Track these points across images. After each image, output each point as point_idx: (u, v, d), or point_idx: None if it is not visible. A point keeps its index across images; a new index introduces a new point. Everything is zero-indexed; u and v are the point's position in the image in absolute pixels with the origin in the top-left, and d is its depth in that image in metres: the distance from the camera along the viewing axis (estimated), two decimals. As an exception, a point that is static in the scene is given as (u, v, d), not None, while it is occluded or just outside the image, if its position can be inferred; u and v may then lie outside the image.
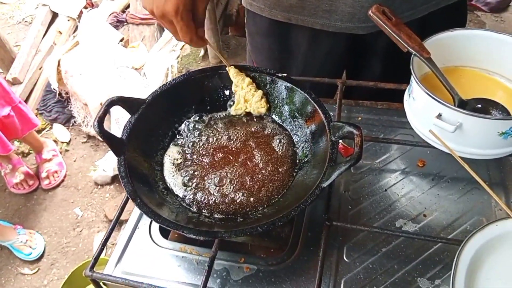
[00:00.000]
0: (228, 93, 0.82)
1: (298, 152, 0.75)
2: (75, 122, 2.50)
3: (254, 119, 0.81)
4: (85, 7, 2.97)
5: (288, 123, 0.79)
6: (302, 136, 0.76)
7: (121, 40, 2.67)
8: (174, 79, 0.79)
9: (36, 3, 3.30)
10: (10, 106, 1.98)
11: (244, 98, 0.79)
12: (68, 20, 2.94)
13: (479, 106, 0.72)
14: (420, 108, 0.73)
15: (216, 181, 0.72)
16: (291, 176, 0.72)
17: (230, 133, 0.79)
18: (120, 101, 0.71)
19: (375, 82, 0.89)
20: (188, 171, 0.74)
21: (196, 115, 0.82)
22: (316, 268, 0.64)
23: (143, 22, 2.73)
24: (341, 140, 0.68)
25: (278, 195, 0.70)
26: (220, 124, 0.80)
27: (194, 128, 0.80)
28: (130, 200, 0.66)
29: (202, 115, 0.82)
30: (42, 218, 2.13)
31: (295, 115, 0.77)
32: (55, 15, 3.02)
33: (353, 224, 0.72)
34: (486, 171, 0.78)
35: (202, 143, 0.78)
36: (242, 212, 0.68)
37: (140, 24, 2.75)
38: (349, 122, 0.65)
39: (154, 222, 0.72)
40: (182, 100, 0.81)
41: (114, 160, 2.14)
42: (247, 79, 0.79)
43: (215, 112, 0.83)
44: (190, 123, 0.81)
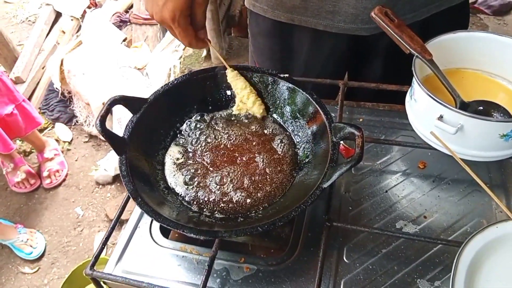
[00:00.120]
0: (230, 93, 0.82)
1: (299, 153, 0.75)
2: (77, 121, 2.51)
3: (255, 119, 0.81)
4: (88, 7, 2.98)
5: (289, 123, 0.79)
6: (303, 136, 0.76)
7: (124, 40, 2.68)
8: (176, 79, 0.79)
9: (40, 2, 3.32)
10: (14, 104, 1.99)
11: (241, 101, 0.80)
12: (72, 19, 2.95)
13: (480, 108, 0.72)
14: (422, 109, 0.73)
15: (217, 180, 0.72)
16: (292, 177, 0.72)
17: (231, 132, 0.79)
18: (122, 100, 0.71)
19: (377, 84, 0.90)
20: (190, 170, 0.74)
21: (198, 114, 0.82)
22: (316, 269, 0.64)
23: (146, 22, 2.74)
24: (342, 141, 0.68)
25: (278, 195, 0.70)
26: (221, 124, 0.81)
27: (195, 128, 0.80)
28: (130, 199, 0.66)
29: (204, 115, 0.82)
30: (43, 217, 2.13)
31: (296, 115, 0.78)
32: (58, 15, 3.03)
33: (353, 225, 0.72)
34: (487, 173, 0.78)
35: (203, 142, 0.78)
36: (242, 212, 0.69)
37: (143, 24, 2.76)
38: (350, 123, 0.65)
39: (154, 221, 0.73)
40: (184, 99, 0.81)
41: (115, 160, 2.15)
42: (241, 83, 0.79)
43: (216, 112, 0.83)
44: (192, 122, 0.81)
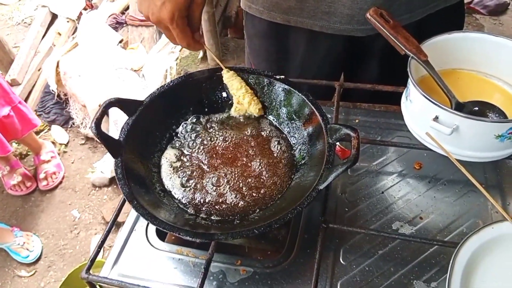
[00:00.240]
0: (226, 95, 0.82)
1: (295, 154, 0.75)
2: (73, 123, 2.50)
3: (251, 121, 0.81)
4: (84, 9, 2.97)
5: (285, 125, 0.79)
6: (300, 138, 0.76)
7: (120, 41, 2.68)
8: (171, 81, 0.79)
9: (36, 4, 3.31)
10: (10, 106, 1.97)
11: (238, 102, 0.80)
12: (68, 21, 2.94)
13: (476, 108, 0.72)
14: (417, 110, 0.73)
15: (213, 183, 0.72)
16: (288, 178, 0.72)
17: (227, 135, 0.79)
18: (117, 102, 0.71)
19: (373, 85, 0.90)
20: (186, 172, 0.74)
21: (194, 116, 0.82)
22: (312, 271, 0.64)
23: (142, 23, 2.73)
24: (338, 142, 0.68)
25: (275, 197, 0.70)
26: (217, 126, 0.80)
27: (191, 130, 0.80)
28: (127, 202, 0.66)
29: (200, 117, 0.82)
30: (40, 220, 2.12)
31: (292, 117, 0.78)
32: (54, 17, 3.02)
33: (349, 226, 0.72)
34: (482, 173, 0.79)
35: (199, 145, 0.78)
36: (239, 214, 0.68)
37: (139, 26, 2.75)
38: (346, 125, 0.65)
39: (150, 224, 0.72)
40: (180, 102, 0.81)
41: (112, 162, 2.14)
42: (237, 84, 0.79)
43: (212, 114, 0.83)
44: (188, 125, 0.81)
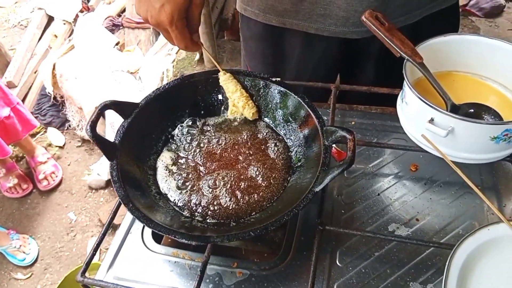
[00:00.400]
0: (222, 97, 0.82)
1: (292, 157, 0.75)
2: (69, 126, 2.49)
3: (247, 124, 0.81)
4: (81, 11, 2.96)
5: (281, 127, 0.79)
6: (296, 140, 0.76)
7: (116, 44, 2.67)
8: (167, 84, 0.79)
9: (32, 6, 3.29)
10: (10, 107, 1.96)
11: (234, 105, 0.80)
12: (64, 23, 2.94)
13: (471, 110, 0.73)
14: (413, 112, 0.73)
15: (209, 185, 0.72)
16: (284, 181, 0.72)
17: (223, 137, 0.78)
18: (113, 105, 0.71)
19: (369, 87, 0.90)
20: (182, 175, 0.74)
21: (190, 119, 0.81)
22: (309, 273, 0.64)
23: (138, 26, 2.73)
24: (334, 144, 0.68)
25: (271, 199, 0.70)
26: (213, 129, 0.80)
27: (187, 133, 0.80)
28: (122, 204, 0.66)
29: (196, 120, 0.82)
30: (36, 222, 2.11)
31: (288, 119, 0.77)
32: (50, 19, 3.02)
33: (346, 228, 0.72)
34: (478, 175, 0.79)
35: (195, 147, 0.78)
36: (235, 216, 0.68)
37: (135, 28, 2.75)
38: (342, 127, 0.65)
39: (146, 227, 0.72)
40: (176, 104, 0.80)
41: (108, 164, 2.13)
42: (232, 87, 0.79)
43: (208, 116, 0.83)
44: (184, 127, 0.80)
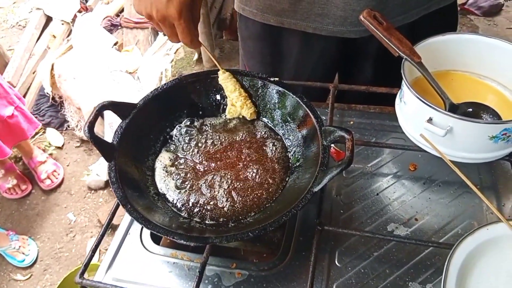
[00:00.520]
0: (220, 97, 0.82)
1: (290, 157, 0.75)
2: (68, 126, 2.49)
3: (246, 124, 0.80)
4: (79, 11, 2.96)
5: (280, 127, 0.79)
6: (294, 140, 0.76)
7: (115, 44, 2.67)
8: (165, 84, 0.79)
9: (30, 7, 3.29)
10: (13, 106, 1.95)
11: (232, 103, 0.79)
12: (62, 24, 2.93)
13: (470, 110, 0.73)
14: (411, 112, 0.73)
15: (207, 186, 0.71)
16: (283, 181, 0.72)
17: (221, 137, 0.78)
18: (111, 105, 0.71)
19: (367, 86, 0.90)
20: (180, 175, 0.73)
21: (188, 119, 0.81)
22: (308, 273, 0.64)
23: (137, 26, 2.72)
24: (333, 144, 0.68)
25: (269, 199, 0.70)
26: (211, 129, 0.80)
27: (185, 133, 0.80)
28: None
29: (194, 120, 0.82)
30: (35, 223, 2.11)
31: (287, 119, 0.77)
32: (49, 19, 3.01)
33: (344, 228, 0.72)
34: (477, 174, 0.79)
35: (193, 147, 0.77)
36: (233, 217, 0.68)
37: (134, 28, 2.74)
38: (340, 127, 0.65)
39: (144, 228, 0.72)
40: (174, 104, 0.80)
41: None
42: (231, 86, 0.78)
43: (206, 117, 0.82)
44: (182, 128, 0.80)
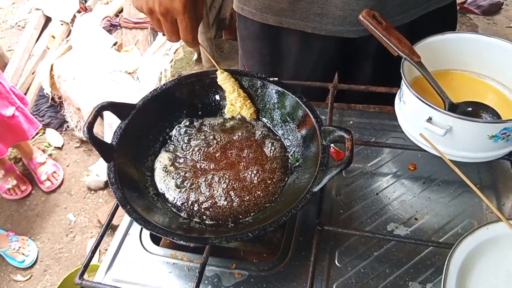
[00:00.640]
0: (219, 97, 0.82)
1: (290, 157, 0.75)
2: (68, 127, 2.48)
3: (245, 124, 0.80)
4: (78, 11, 2.96)
5: (279, 127, 0.79)
6: (294, 140, 0.76)
7: (114, 44, 2.67)
8: (164, 84, 0.79)
9: (29, 7, 3.29)
10: (14, 106, 1.95)
11: (231, 103, 0.79)
12: (62, 24, 2.93)
13: (469, 109, 0.72)
14: (411, 111, 0.73)
15: (206, 186, 0.71)
16: (283, 181, 0.72)
17: (221, 137, 0.78)
18: (110, 106, 0.71)
19: (366, 86, 0.89)
20: (180, 175, 0.73)
21: (187, 120, 0.81)
22: (307, 273, 0.64)
23: (136, 26, 2.72)
24: (332, 144, 0.67)
25: (269, 200, 0.70)
26: (211, 129, 0.80)
27: (185, 133, 0.79)
28: (120, 206, 0.65)
29: (193, 120, 0.81)
30: (35, 224, 2.11)
31: (286, 119, 0.77)
32: (48, 20, 3.01)
33: (344, 228, 0.71)
34: (477, 174, 0.79)
35: (193, 148, 0.77)
36: (233, 217, 0.68)
37: (133, 28, 2.74)
38: (340, 126, 0.65)
39: (144, 229, 0.72)
40: (173, 105, 0.80)
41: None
42: (230, 87, 0.78)
43: (206, 117, 0.82)
44: (181, 128, 0.80)
